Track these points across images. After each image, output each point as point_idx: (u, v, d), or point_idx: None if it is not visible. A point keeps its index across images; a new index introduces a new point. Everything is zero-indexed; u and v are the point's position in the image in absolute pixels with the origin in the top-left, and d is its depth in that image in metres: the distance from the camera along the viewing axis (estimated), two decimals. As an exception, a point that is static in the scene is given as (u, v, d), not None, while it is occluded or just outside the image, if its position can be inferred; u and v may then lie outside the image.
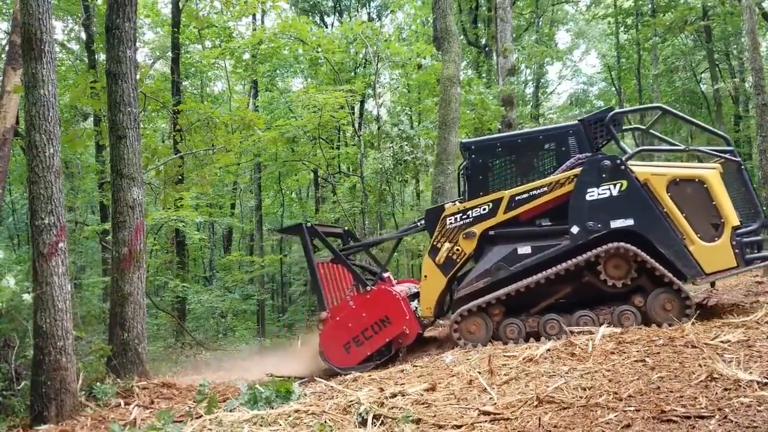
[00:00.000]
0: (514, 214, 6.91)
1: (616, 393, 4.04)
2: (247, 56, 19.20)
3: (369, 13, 22.49)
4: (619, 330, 6.01)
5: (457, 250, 7.08)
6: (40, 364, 5.51)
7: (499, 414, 3.97)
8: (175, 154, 12.30)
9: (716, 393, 3.79)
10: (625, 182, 6.48)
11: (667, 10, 20.53)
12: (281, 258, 22.77)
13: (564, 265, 6.49)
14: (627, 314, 6.38)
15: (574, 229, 6.58)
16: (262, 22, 22.56)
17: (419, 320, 7.23)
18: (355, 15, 21.66)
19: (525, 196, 6.86)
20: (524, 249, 6.77)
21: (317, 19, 22.71)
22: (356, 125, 17.62)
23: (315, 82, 20.62)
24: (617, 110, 7.31)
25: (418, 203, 20.62)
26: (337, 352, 7.03)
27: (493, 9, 18.72)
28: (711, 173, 6.43)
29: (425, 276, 7.23)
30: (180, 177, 12.79)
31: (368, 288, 7.28)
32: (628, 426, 3.48)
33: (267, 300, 22.58)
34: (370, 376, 6.08)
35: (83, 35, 16.27)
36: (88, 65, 14.73)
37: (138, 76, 7.93)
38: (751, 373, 4.03)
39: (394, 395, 4.62)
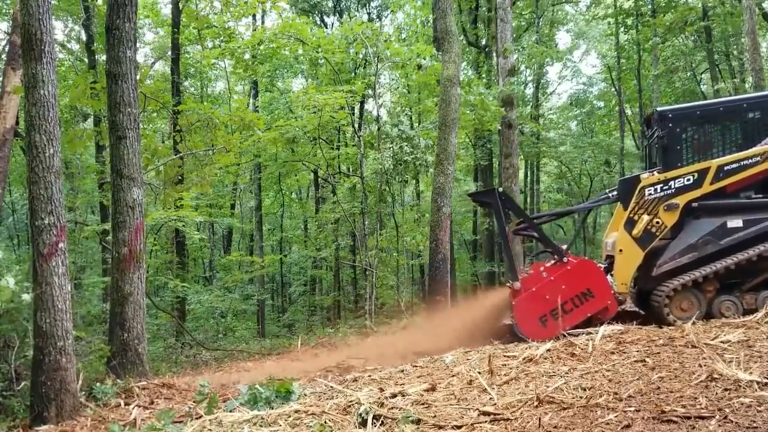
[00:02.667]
0: (721, 185, 6.61)
1: (616, 393, 4.04)
2: (247, 56, 19.19)
3: (369, 14, 22.48)
4: (619, 330, 6.00)
5: (657, 222, 6.73)
6: (40, 364, 5.50)
7: (499, 414, 3.96)
8: (175, 155, 12.29)
9: (716, 393, 3.79)
10: None
11: (667, 11, 20.54)
12: (281, 258, 22.78)
13: None
14: None
15: None
16: (263, 23, 22.56)
17: (616, 296, 6.97)
18: (355, 15, 21.65)
19: (735, 166, 6.56)
20: (735, 222, 6.48)
21: (317, 19, 22.71)
22: (356, 126, 17.60)
23: (315, 82, 20.63)
24: None
25: (418, 204, 20.62)
26: (531, 324, 6.73)
27: (493, 9, 18.73)
28: None
29: (620, 250, 6.90)
30: (180, 177, 12.77)
31: (565, 260, 6.93)
32: (628, 426, 3.47)
33: (267, 300, 22.57)
34: (370, 376, 6.07)
35: (83, 35, 16.27)
36: (88, 65, 14.73)
37: (138, 77, 7.92)
38: (751, 373, 4.03)
39: (394, 395, 4.62)
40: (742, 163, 6.57)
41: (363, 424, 4.03)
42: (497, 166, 19.05)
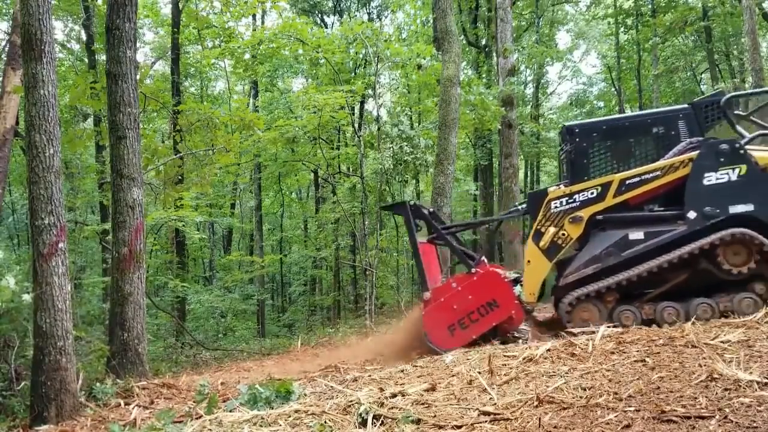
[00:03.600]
0: (624, 198, 6.75)
1: (616, 393, 4.04)
2: (247, 56, 19.20)
3: (369, 14, 22.49)
4: (619, 330, 6.01)
5: (563, 234, 6.92)
6: (39, 364, 5.50)
7: (499, 414, 3.96)
8: (175, 155, 12.29)
9: (716, 393, 3.79)
10: (744, 167, 6.31)
11: (667, 11, 20.54)
12: (281, 258, 22.78)
13: (683, 250, 6.32)
14: (748, 301, 6.24)
15: (691, 215, 6.42)
16: (263, 23, 22.57)
17: (523, 305, 7.10)
18: (355, 15, 21.66)
19: (636, 180, 6.70)
20: (636, 234, 6.62)
21: (317, 19, 22.71)
22: (356, 125, 17.61)
23: (315, 82, 20.63)
24: (732, 93, 7.20)
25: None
26: (440, 333, 6.85)
27: (493, 9, 18.72)
28: None
29: (528, 261, 7.07)
30: (180, 177, 12.77)
31: (473, 270, 7.07)
32: (628, 426, 3.47)
33: (267, 300, 22.58)
34: (370, 376, 6.07)
35: (83, 35, 16.27)
36: (88, 65, 14.73)
37: (138, 77, 7.92)
38: (751, 373, 4.03)
39: (394, 395, 4.62)
40: (643, 177, 6.73)
41: (363, 424, 4.03)
42: (497, 166, 19.05)
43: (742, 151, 6.39)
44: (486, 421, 3.88)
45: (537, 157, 25.22)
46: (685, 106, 7.17)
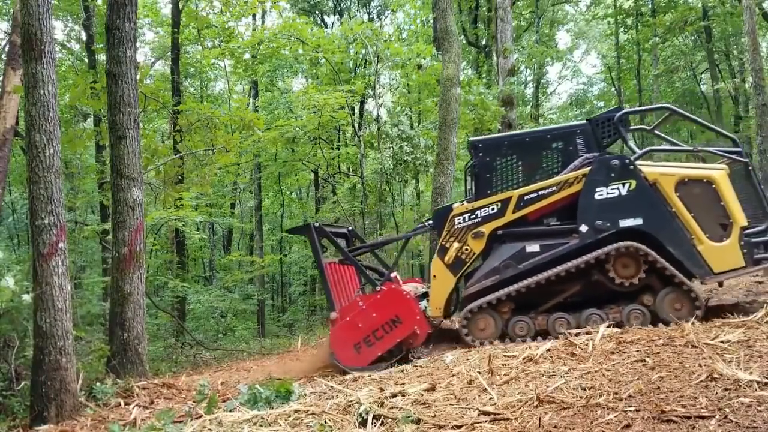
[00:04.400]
0: (522, 213, 6.91)
1: (616, 393, 4.04)
2: (247, 56, 19.21)
3: (369, 13, 22.50)
4: (619, 330, 6.01)
5: (466, 249, 7.08)
6: (39, 364, 5.50)
7: (499, 414, 3.96)
8: (175, 155, 12.30)
9: (716, 393, 3.79)
10: (634, 182, 6.49)
11: (667, 11, 20.55)
12: (281, 258, 22.78)
13: (573, 262, 6.49)
14: (636, 313, 6.40)
15: (583, 228, 6.60)
16: (263, 22, 22.57)
17: (429, 320, 7.21)
18: (355, 15, 21.66)
19: (534, 195, 6.87)
20: (533, 247, 6.79)
21: (317, 19, 22.72)
22: (356, 125, 17.62)
23: (315, 82, 20.64)
24: (626, 110, 7.32)
25: (418, 203, 20.62)
26: (347, 352, 6.98)
27: (493, 9, 18.71)
28: (719, 174, 6.45)
29: (434, 276, 7.22)
30: (180, 177, 12.78)
31: (378, 288, 7.25)
32: (628, 426, 3.47)
33: (267, 300, 22.58)
34: (370, 376, 6.08)
35: (83, 35, 16.27)
36: (88, 65, 14.73)
37: (138, 77, 7.93)
38: (751, 373, 4.03)
39: (394, 395, 4.62)
40: (540, 192, 6.86)
41: (363, 423, 4.03)
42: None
43: (632, 167, 6.54)
44: (486, 421, 3.88)
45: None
46: (584, 122, 7.33)
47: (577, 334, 6.16)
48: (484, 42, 21.91)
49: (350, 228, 9.19)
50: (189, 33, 18.39)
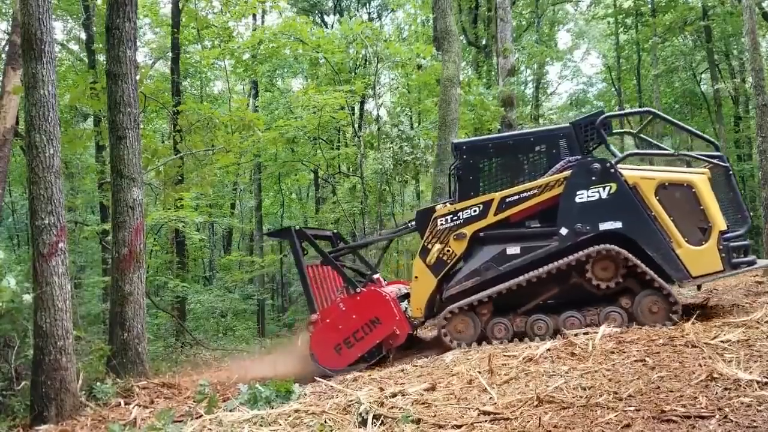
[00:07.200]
0: (504, 215, 6.92)
1: (616, 393, 4.04)
2: (247, 56, 19.21)
3: (369, 13, 22.51)
4: (619, 330, 6.01)
5: (448, 251, 7.10)
6: (40, 364, 5.51)
7: (499, 414, 3.96)
8: (175, 155, 12.30)
9: (716, 393, 3.79)
10: (614, 185, 6.50)
11: (667, 11, 20.55)
12: (281, 258, 22.75)
13: (552, 265, 6.51)
14: (614, 315, 6.41)
15: (563, 231, 6.61)
16: (263, 22, 22.57)
17: (410, 321, 7.25)
18: (355, 15, 21.66)
19: (515, 198, 6.87)
20: (513, 249, 6.81)
21: (317, 18, 22.72)
22: (356, 126, 17.62)
23: (315, 82, 20.63)
24: (607, 113, 7.35)
25: (418, 204, 20.61)
26: (327, 353, 7.05)
27: (493, 9, 18.73)
28: (699, 178, 6.47)
29: (416, 277, 7.24)
30: (180, 177, 12.79)
31: (358, 290, 7.29)
32: (628, 426, 3.48)
33: (267, 300, 22.58)
34: (370, 375, 6.08)
35: (83, 35, 16.28)
36: (88, 65, 14.74)
37: (138, 77, 7.93)
38: (751, 372, 4.03)
39: (394, 395, 4.62)
40: (521, 195, 6.87)
41: (363, 423, 4.03)
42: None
43: (612, 170, 6.54)
44: (486, 421, 3.88)
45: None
46: (566, 125, 7.35)
47: (576, 334, 6.16)
48: (484, 42, 21.92)
49: (335, 231, 9.27)
50: (189, 33, 18.39)
